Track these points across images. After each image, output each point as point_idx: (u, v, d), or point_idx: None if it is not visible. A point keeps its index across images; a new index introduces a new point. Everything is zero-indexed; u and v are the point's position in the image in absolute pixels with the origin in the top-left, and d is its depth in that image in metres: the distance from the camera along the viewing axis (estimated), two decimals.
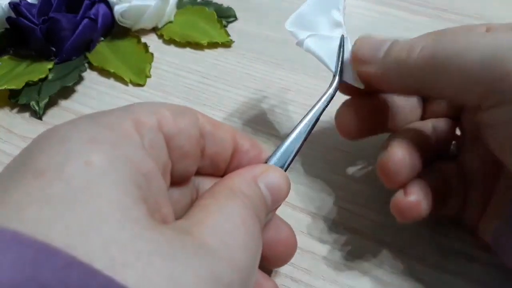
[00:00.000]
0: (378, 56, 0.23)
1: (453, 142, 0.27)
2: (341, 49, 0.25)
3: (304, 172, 0.29)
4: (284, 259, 0.21)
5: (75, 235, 0.12)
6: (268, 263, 0.21)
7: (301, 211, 0.27)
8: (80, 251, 0.12)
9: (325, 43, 0.26)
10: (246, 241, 0.16)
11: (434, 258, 0.25)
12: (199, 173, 0.20)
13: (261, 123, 0.33)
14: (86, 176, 0.13)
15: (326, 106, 0.24)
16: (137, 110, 0.17)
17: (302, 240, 0.26)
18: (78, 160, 0.14)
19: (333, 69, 0.25)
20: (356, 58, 0.24)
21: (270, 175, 0.19)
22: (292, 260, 0.25)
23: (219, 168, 0.20)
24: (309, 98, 0.34)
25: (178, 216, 0.17)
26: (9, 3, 0.35)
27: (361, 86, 0.25)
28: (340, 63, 0.25)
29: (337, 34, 0.26)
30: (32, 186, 0.13)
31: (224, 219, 0.16)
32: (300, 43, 0.26)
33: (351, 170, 0.29)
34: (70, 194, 0.13)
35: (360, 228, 0.26)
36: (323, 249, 0.25)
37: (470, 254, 0.25)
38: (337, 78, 0.25)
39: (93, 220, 0.13)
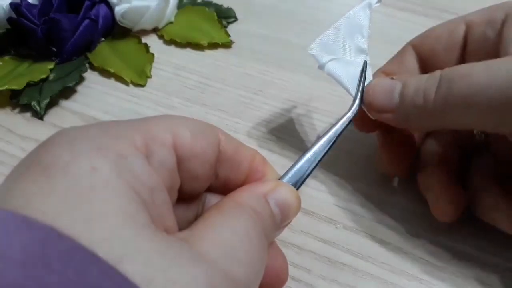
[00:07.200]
0: (393, 102, 0.23)
1: None
2: (363, 74, 0.26)
3: None
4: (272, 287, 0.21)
5: (79, 228, 0.13)
6: None
7: (301, 211, 0.27)
8: (83, 241, 0.12)
9: (346, 67, 0.26)
10: (248, 255, 0.16)
11: (434, 257, 0.25)
12: (209, 190, 0.20)
13: (261, 123, 0.33)
14: (91, 180, 0.14)
15: (344, 129, 0.24)
16: (154, 124, 0.17)
17: (302, 239, 0.26)
18: (84, 162, 0.14)
19: (353, 94, 0.25)
20: (372, 108, 0.24)
21: (281, 192, 0.19)
22: (292, 259, 0.25)
23: (229, 190, 0.20)
24: (309, 99, 0.34)
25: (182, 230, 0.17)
26: (10, 4, 0.35)
27: None
28: (361, 88, 0.25)
29: (359, 59, 0.27)
30: (39, 179, 0.13)
31: (227, 231, 0.16)
32: (321, 67, 0.26)
33: (351, 170, 0.30)
34: (74, 192, 0.13)
35: (360, 228, 0.26)
36: (323, 249, 0.25)
37: (470, 254, 0.25)
38: (357, 102, 0.25)
39: (96, 217, 0.13)
